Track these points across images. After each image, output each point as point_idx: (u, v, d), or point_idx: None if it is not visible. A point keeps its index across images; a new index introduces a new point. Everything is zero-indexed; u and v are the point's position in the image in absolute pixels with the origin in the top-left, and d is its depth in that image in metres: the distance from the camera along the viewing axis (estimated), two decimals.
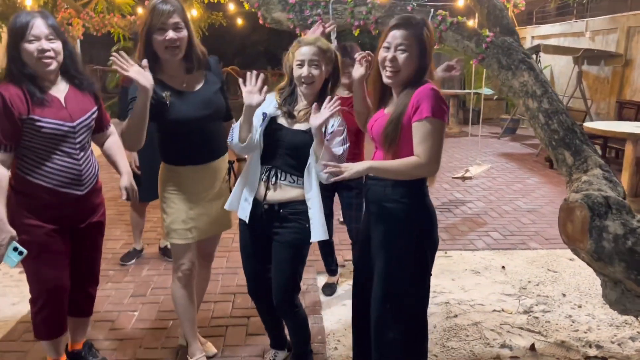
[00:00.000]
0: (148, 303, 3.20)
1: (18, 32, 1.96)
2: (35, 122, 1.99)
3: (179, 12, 2.13)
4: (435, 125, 1.86)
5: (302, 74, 2.09)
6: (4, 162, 2.02)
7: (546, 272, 3.67)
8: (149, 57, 2.13)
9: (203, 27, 9.59)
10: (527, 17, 13.43)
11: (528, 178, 6.62)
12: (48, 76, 2.05)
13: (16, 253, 2.03)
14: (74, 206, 2.15)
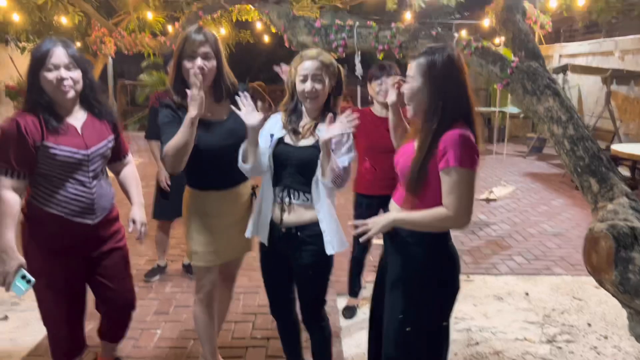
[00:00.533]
0: (170, 321, 3.25)
1: (38, 60, 1.99)
2: (49, 149, 2.01)
3: (210, 42, 2.18)
4: (463, 175, 1.73)
5: (305, 88, 2.10)
6: (16, 189, 2.03)
7: (571, 300, 3.60)
8: (179, 82, 2.21)
9: (231, 45, 9.75)
10: (555, 35, 13.31)
11: (554, 199, 6.51)
12: (66, 104, 2.08)
13: (24, 281, 2.03)
14: (84, 236, 2.15)
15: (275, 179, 2.19)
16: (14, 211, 2.01)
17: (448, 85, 1.80)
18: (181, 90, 2.19)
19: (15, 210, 2.02)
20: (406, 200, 1.89)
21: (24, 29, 7.97)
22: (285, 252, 2.24)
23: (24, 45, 9.62)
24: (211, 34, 2.22)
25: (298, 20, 3.65)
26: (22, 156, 2.00)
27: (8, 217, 1.99)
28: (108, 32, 5.94)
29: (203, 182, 2.33)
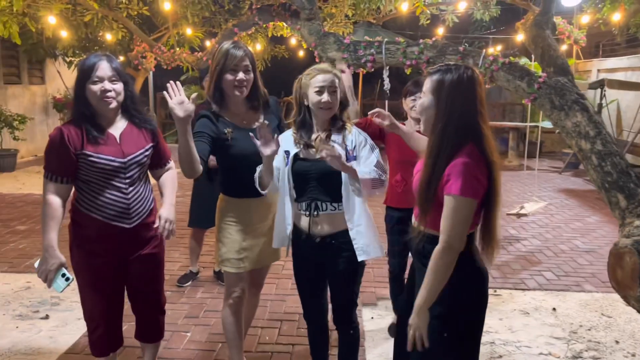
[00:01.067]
0: (200, 325, 3.37)
1: (85, 73, 2.15)
2: (88, 156, 2.16)
3: (249, 56, 2.39)
4: (462, 203, 1.74)
5: (322, 99, 2.20)
6: (59, 193, 2.18)
7: (600, 317, 3.55)
8: (217, 94, 2.40)
9: (266, 59, 9.99)
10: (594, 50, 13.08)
11: (589, 216, 6.40)
12: (108, 114, 2.23)
13: (64, 279, 2.19)
14: (121, 238, 2.27)
15: (298, 193, 2.29)
16: (56, 214, 2.16)
17: (457, 105, 1.79)
18: (220, 100, 2.39)
19: (57, 213, 2.17)
20: (420, 217, 1.91)
21: (71, 44, 8.39)
22: (320, 260, 2.33)
23: (71, 60, 10.11)
24: (248, 49, 2.43)
25: (328, 36, 3.77)
26: (64, 163, 2.16)
27: (51, 219, 2.15)
28: (149, 47, 6.20)
29: (237, 190, 2.46)
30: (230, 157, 2.39)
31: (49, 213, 2.16)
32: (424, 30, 9.62)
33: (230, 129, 2.38)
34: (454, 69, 1.82)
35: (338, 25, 7.83)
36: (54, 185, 2.18)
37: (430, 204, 1.84)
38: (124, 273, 2.36)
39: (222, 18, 8.07)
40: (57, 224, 2.17)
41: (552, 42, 3.80)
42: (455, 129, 1.79)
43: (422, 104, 1.88)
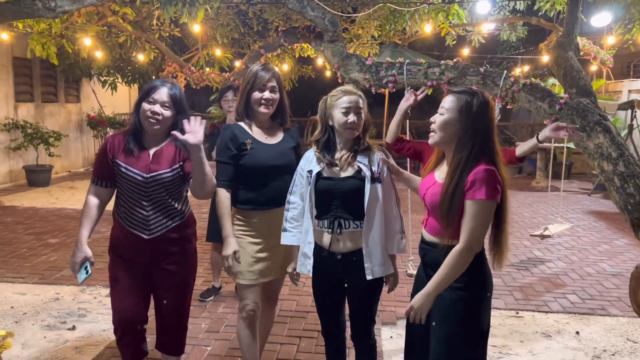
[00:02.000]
0: (220, 339, 3.42)
1: (146, 92, 2.35)
2: (119, 166, 2.35)
3: (276, 77, 2.57)
4: (487, 206, 1.93)
5: (348, 120, 2.27)
6: (97, 195, 2.43)
7: (625, 342, 3.48)
8: (246, 109, 2.59)
9: (294, 79, 10.15)
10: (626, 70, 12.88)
11: (617, 239, 6.27)
12: (150, 132, 2.38)
13: (84, 271, 2.38)
14: (140, 247, 2.40)
15: (322, 210, 2.34)
16: (91, 212, 2.41)
17: (481, 125, 1.99)
18: (247, 115, 2.58)
19: (92, 212, 2.41)
20: (441, 230, 2.03)
21: (106, 64, 8.71)
22: (340, 276, 2.37)
23: (105, 79, 10.47)
24: (276, 71, 2.61)
25: (351, 58, 3.85)
26: (103, 168, 2.40)
27: (85, 217, 2.40)
28: (179, 67, 6.40)
29: (250, 201, 2.55)
30: (246, 167, 2.52)
31: (84, 211, 2.42)
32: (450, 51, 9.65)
33: (251, 140, 2.53)
34: (479, 93, 2.04)
35: (364, 46, 7.92)
36: (94, 187, 2.43)
37: (455, 215, 1.96)
38: (146, 282, 2.46)
39: (250, 39, 8.27)
40: (90, 222, 2.40)
41: (575, 63, 3.80)
42: (477, 146, 1.98)
43: (446, 120, 2.02)
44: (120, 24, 6.60)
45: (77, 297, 4.11)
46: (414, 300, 2.00)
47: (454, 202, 1.95)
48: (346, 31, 7.82)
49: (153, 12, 6.52)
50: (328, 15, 3.96)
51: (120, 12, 6.13)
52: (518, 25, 7.82)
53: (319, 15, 3.92)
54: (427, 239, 2.14)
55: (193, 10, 4.18)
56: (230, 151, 2.51)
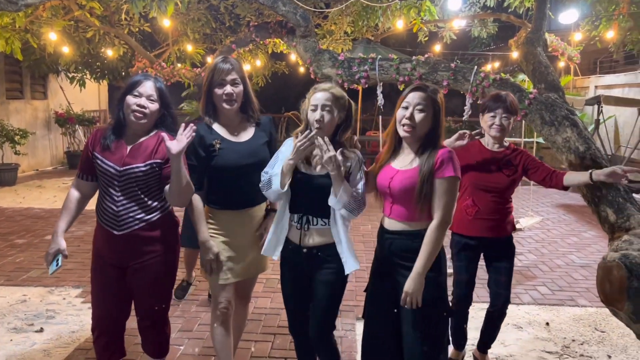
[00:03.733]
0: (193, 339, 3.38)
1: (130, 86, 2.31)
2: (96, 159, 2.32)
3: (236, 70, 2.44)
4: (455, 182, 2.15)
5: (315, 117, 2.25)
6: (78, 188, 2.40)
7: (593, 331, 3.56)
8: (209, 107, 2.47)
9: (267, 75, 10.09)
10: (593, 67, 13.18)
11: (585, 232, 6.41)
12: (134, 126, 2.33)
13: (55, 264, 2.34)
14: (111, 243, 2.35)
15: (293, 205, 2.33)
16: (70, 205, 2.38)
17: (443, 116, 2.24)
18: (212, 113, 2.48)
19: (71, 205, 2.38)
20: (411, 215, 2.19)
21: (73, 60, 8.50)
22: (307, 271, 2.36)
23: (74, 76, 10.23)
24: (236, 62, 2.47)
25: (323, 53, 3.83)
26: (85, 161, 2.38)
27: (64, 209, 2.38)
28: (149, 63, 6.29)
29: (222, 201, 2.50)
30: (215, 167, 2.43)
31: (64, 203, 2.40)
32: (423, 47, 9.73)
33: (219, 140, 2.44)
34: (437, 89, 2.27)
35: (337, 42, 7.93)
36: (76, 179, 2.42)
37: (429, 196, 2.14)
38: (121, 281, 2.40)
39: (222, 35, 8.19)
40: (68, 214, 2.37)
41: (543, 59, 3.86)
42: (440, 135, 2.22)
43: (426, 116, 2.19)
44: (88, 18, 6.46)
45: (45, 298, 4.01)
46: (407, 287, 2.12)
47: (427, 185, 2.13)
48: (319, 27, 7.81)
49: (122, 7, 6.39)
50: (300, 11, 3.93)
51: (87, 6, 5.99)
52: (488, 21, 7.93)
53: (290, 10, 3.89)
54: (393, 227, 2.24)
55: (162, 5, 4.11)
56: (198, 154, 2.42)
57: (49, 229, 5.93)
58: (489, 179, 2.81)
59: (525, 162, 2.82)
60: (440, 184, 2.12)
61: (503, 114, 2.76)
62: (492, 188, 2.80)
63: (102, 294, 2.41)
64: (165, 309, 2.53)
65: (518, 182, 2.86)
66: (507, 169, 2.81)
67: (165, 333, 2.58)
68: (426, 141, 2.20)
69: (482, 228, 2.83)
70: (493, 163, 2.82)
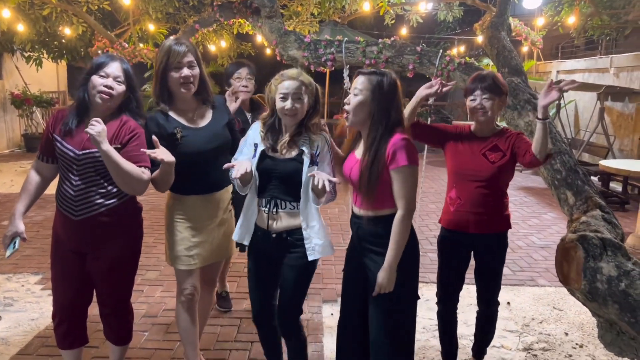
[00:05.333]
0: (158, 324, 3.34)
1: (96, 67, 2.22)
2: (55, 141, 2.25)
3: (192, 51, 2.35)
4: (412, 171, 2.10)
5: (285, 106, 2.21)
6: (38, 170, 2.34)
7: (551, 310, 3.68)
8: (163, 93, 2.37)
9: (232, 57, 9.92)
10: (555, 52, 13.46)
11: (545, 213, 6.60)
12: (99, 108, 2.24)
13: (12, 246, 2.29)
14: (69, 228, 2.29)
15: (261, 189, 2.30)
16: (29, 187, 2.32)
17: (392, 103, 2.15)
18: (167, 99, 2.38)
19: (30, 187, 2.32)
20: (364, 202, 2.18)
21: (30, 39, 8.15)
22: (275, 255, 2.34)
23: (30, 55, 9.82)
24: (190, 43, 2.39)
25: (289, 35, 3.78)
26: (45, 142, 2.31)
27: (23, 191, 2.32)
28: (110, 43, 6.09)
29: (186, 186, 2.43)
30: (180, 155, 2.33)
31: (23, 185, 2.34)
32: (390, 30, 9.72)
33: (180, 128, 2.36)
34: (388, 73, 2.18)
35: (304, 23, 7.84)
36: (36, 161, 2.35)
37: (376, 186, 2.10)
38: (81, 266, 2.35)
39: (186, 14, 7.99)
40: (28, 196, 2.32)
41: (507, 44, 3.90)
42: (390, 121, 2.13)
43: (361, 100, 2.13)
44: None
45: (2, 285, 3.89)
46: (379, 278, 2.12)
47: (372, 175, 2.10)
48: (285, 8, 7.70)
49: None
50: None
51: None
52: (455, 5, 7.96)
53: None
54: (357, 213, 2.26)
55: None
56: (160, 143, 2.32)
57: (6, 214, 5.73)
58: (468, 165, 2.52)
59: (513, 144, 2.47)
60: (395, 175, 2.09)
61: (483, 94, 2.45)
62: (474, 176, 2.50)
63: (62, 280, 2.35)
64: (127, 297, 2.49)
65: (510, 170, 2.53)
66: (493, 155, 2.48)
67: (128, 320, 2.53)
68: (373, 128, 2.14)
69: (465, 222, 2.56)
70: (476, 148, 2.52)
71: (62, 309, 2.37)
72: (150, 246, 4.76)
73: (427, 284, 4.06)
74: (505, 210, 2.60)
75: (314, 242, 2.28)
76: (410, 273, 2.23)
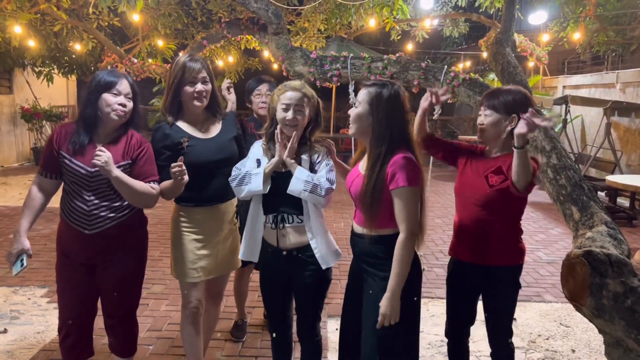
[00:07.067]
0: (163, 338, 3.34)
1: (105, 84, 2.24)
2: (64, 158, 2.26)
3: (205, 68, 2.45)
4: (412, 193, 2.01)
5: (287, 117, 2.23)
6: (41, 186, 2.34)
7: (558, 327, 3.65)
8: (173, 106, 2.45)
9: (240, 72, 10.02)
10: (561, 67, 13.48)
11: (552, 229, 6.56)
12: (110, 124, 2.29)
13: (20, 264, 2.29)
14: (82, 243, 2.30)
15: (266, 205, 2.31)
16: (33, 203, 2.32)
17: (394, 115, 2.06)
18: (177, 112, 2.47)
19: (34, 203, 2.32)
20: (365, 221, 2.11)
21: (40, 54, 8.29)
22: (287, 272, 2.35)
23: (40, 70, 9.97)
24: (204, 61, 2.49)
25: (295, 51, 3.82)
26: (48, 159, 2.31)
27: (26, 208, 2.32)
28: (119, 58, 6.18)
29: (192, 198, 2.47)
30: (185, 165, 2.36)
31: (26, 201, 2.34)
32: (396, 46, 9.80)
33: (186, 138, 2.43)
34: (388, 84, 2.10)
35: (310, 39, 7.92)
36: (39, 177, 2.35)
37: (378, 206, 2.04)
38: (88, 279, 2.37)
39: (194, 30, 8.09)
40: (31, 213, 2.32)
41: (512, 60, 3.93)
42: (394, 136, 2.05)
43: (359, 112, 2.10)
44: (55, 11, 6.30)
45: (9, 298, 3.91)
46: (382, 309, 2.02)
47: (375, 193, 2.03)
48: (292, 24, 7.79)
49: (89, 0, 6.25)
50: (272, 7, 3.91)
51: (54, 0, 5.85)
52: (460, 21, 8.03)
53: (262, 7, 3.86)
54: (356, 230, 2.21)
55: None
56: (165, 153, 2.40)
57: (14, 227, 5.77)
58: (467, 187, 2.33)
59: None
60: (395, 196, 2.01)
61: (485, 110, 2.27)
62: (472, 199, 2.30)
63: (68, 293, 2.37)
64: (134, 307, 2.51)
65: (513, 196, 2.23)
66: (495, 177, 2.23)
67: (133, 332, 2.55)
68: (376, 143, 2.07)
69: (464, 249, 2.37)
70: (481, 169, 2.30)
71: (69, 322, 2.38)
72: (156, 260, 4.78)
73: (433, 299, 4.04)
74: (513, 242, 2.34)
75: (324, 251, 2.29)
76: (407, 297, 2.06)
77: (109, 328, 2.49)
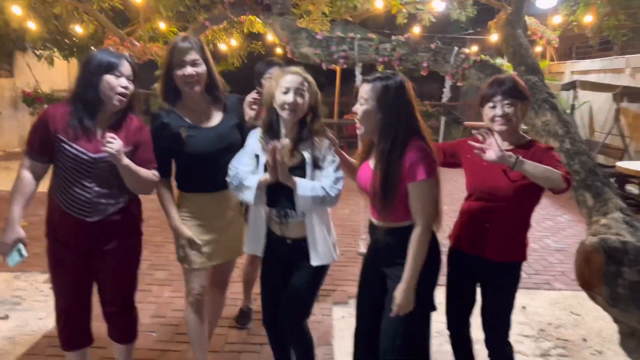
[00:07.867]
0: (167, 325, 3.29)
1: (107, 65, 2.11)
2: (61, 142, 2.12)
3: (197, 49, 2.29)
4: (430, 185, 1.99)
5: (287, 100, 2.13)
6: (32, 170, 2.19)
7: (568, 315, 3.58)
8: (171, 91, 2.33)
9: (243, 55, 9.87)
10: (569, 52, 13.29)
11: (560, 215, 6.48)
12: (110, 108, 2.17)
13: (18, 254, 2.15)
14: (81, 230, 2.21)
15: (270, 201, 2.23)
16: (25, 189, 2.17)
17: (401, 108, 2.00)
18: (174, 98, 2.34)
19: (26, 189, 2.17)
20: (380, 215, 2.10)
21: (41, 36, 8.15)
22: (290, 261, 2.30)
23: (41, 53, 9.85)
24: (196, 40, 2.32)
25: (300, 32, 3.72)
26: (42, 142, 2.16)
27: (18, 194, 2.16)
28: (120, 40, 6.07)
29: (193, 185, 2.40)
30: (185, 155, 2.31)
31: (17, 187, 2.18)
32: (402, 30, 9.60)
33: (185, 127, 2.31)
34: (392, 76, 2.02)
35: (315, 22, 7.78)
36: (29, 161, 2.20)
37: (393, 199, 2.01)
38: (86, 267, 2.30)
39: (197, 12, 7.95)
40: (23, 198, 2.17)
41: (524, 42, 3.82)
42: (403, 129, 2.00)
43: (366, 110, 2.02)
44: None
45: (10, 284, 3.86)
46: (398, 300, 2.02)
47: (387, 187, 2.00)
48: (296, 7, 7.64)
49: None
50: None
51: None
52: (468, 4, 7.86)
53: None
54: (374, 223, 2.20)
55: None
56: (164, 143, 2.30)
57: None
58: (485, 182, 2.22)
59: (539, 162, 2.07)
60: (412, 189, 1.98)
61: (504, 100, 2.14)
62: (491, 195, 2.21)
63: (66, 282, 2.28)
64: (133, 292, 2.45)
65: (533, 193, 2.22)
66: (514, 172, 2.08)
67: (133, 317, 2.48)
68: (382, 137, 2.02)
69: (465, 240, 2.35)
70: (497, 165, 2.10)
71: (67, 310, 2.32)
72: (159, 245, 4.73)
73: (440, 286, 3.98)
74: (522, 239, 2.32)
75: (318, 249, 2.22)
76: (427, 284, 2.10)
77: (107, 316, 2.42)
